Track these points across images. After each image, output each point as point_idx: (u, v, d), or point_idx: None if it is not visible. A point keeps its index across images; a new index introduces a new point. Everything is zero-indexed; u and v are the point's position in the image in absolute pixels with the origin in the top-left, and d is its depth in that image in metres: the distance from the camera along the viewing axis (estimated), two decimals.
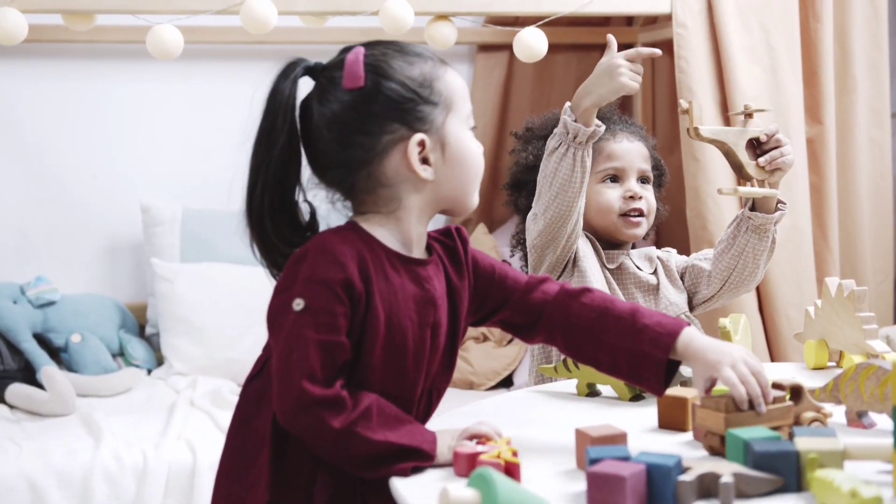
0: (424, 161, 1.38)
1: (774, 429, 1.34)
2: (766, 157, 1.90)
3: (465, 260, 1.48)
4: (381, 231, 1.40)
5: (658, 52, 1.93)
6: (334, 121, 1.38)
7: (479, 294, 1.50)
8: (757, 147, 1.92)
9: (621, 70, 1.87)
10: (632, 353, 1.43)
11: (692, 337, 1.42)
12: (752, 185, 1.92)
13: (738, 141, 1.89)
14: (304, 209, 1.43)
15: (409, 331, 1.37)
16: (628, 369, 1.45)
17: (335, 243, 1.35)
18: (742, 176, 1.92)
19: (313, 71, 1.43)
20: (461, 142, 1.40)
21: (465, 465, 1.28)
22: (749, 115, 1.91)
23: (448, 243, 1.48)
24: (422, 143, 1.38)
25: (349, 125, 1.37)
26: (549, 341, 1.52)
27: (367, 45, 1.41)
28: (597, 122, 1.92)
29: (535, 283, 1.51)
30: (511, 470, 1.27)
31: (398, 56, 1.39)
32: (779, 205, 2.00)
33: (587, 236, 2.08)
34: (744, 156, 1.90)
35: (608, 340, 1.45)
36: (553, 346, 1.54)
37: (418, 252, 1.43)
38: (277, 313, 1.36)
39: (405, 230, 1.41)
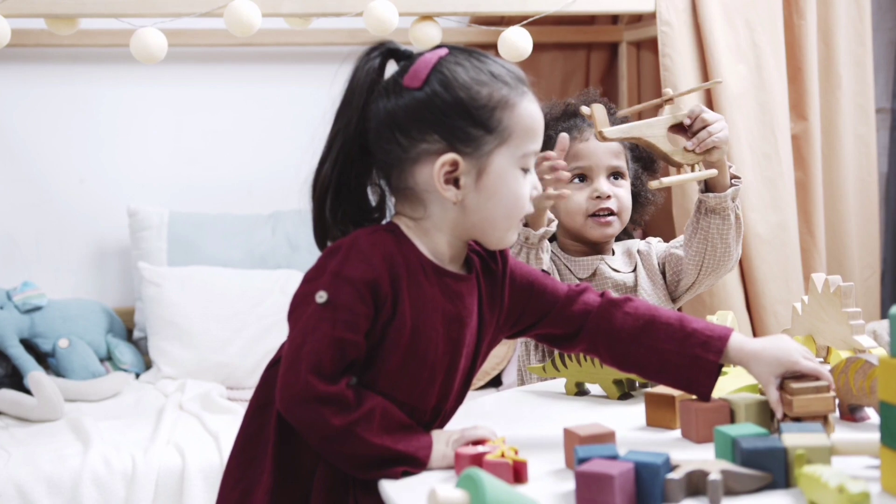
0: (455, 182, 1.35)
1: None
2: (694, 139, 1.86)
3: (502, 282, 1.46)
4: (417, 239, 1.38)
5: (565, 138, 1.83)
6: (385, 111, 1.36)
7: (515, 309, 1.48)
8: (688, 130, 1.87)
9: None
10: (682, 356, 1.43)
11: (743, 340, 1.43)
12: (684, 171, 1.87)
13: (654, 132, 1.83)
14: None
15: (432, 342, 1.36)
16: (677, 373, 1.44)
17: (368, 243, 1.34)
18: (672, 164, 1.88)
19: (398, 56, 1.40)
20: (502, 177, 1.36)
21: (469, 466, 1.27)
22: (669, 101, 1.87)
23: (489, 263, 1.45)
24: (454, 164, 1.34)
25: (394, 120, 1.35)
26: (591, 350, 1.50)
27: (455, 50, 1.38)
28: (549, 216, 1.91)
29: (575, 295, 1.49)
30: (519, 469, 1.27)
31: (473, 71, 1.35)
32: (733, 180, 1.96)
33: (552, 254, 2.06)
34: (665, 145, 1.84)
35: (657, 346, 1.45)
36: (595, 356, 1.52)
37: (454, 267, 1.41)
38: (299, 302, 1.34)
39: (435, 243, 1.38)
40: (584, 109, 1.83)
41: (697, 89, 2.05)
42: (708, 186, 1.97)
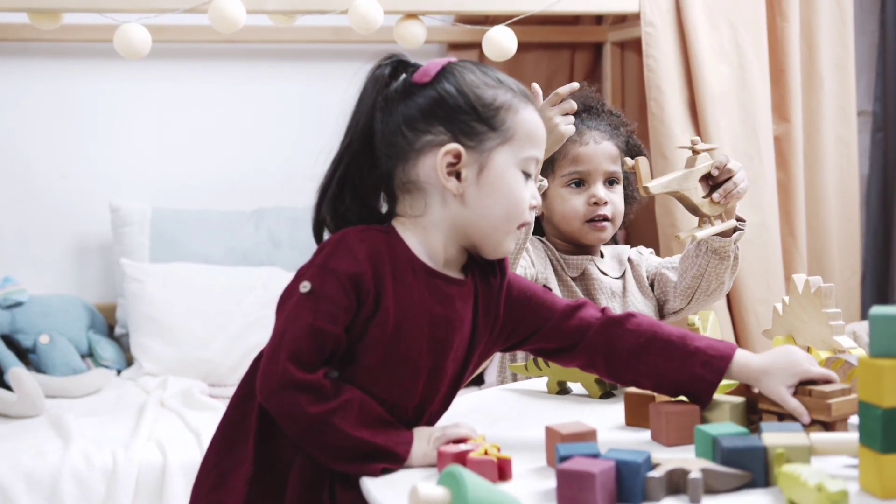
0: (457, 175, 1.37)
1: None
2: (720, 190, 1.86)
3: (498, 293, 1.46)
4: (413, 239, 1.39)
5: (576, 85, 1.87)
6: (394, 110, 1.39)
7: (510, 322, 1.48)
8: (709, 179, 1.87)
9: (555, 121, 1.83)
10: (682, 374, 1.43)
11: (748, 358, 1.43)
12: (710, 222, 1.88)
13: (689, 185, 1.84)
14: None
15: (416, 342, 1.36)
16: (675, 390, 1.45)
17: (356, 239, 1.36)
18: (699, 216, 1.88)
19: (408, 68, 1.43)
20: (502, 175, 1.38)
21: (453, 464, 1.27)
22: (696, 153, 1.86)
23: (488, 274, 1.46)
24: (457, 155, 1.36)
25: (403, 116, 1.38)
26: (589, 366, 1.50)
27: (468, 61, 1.43)
28: (539, 176, 1.89)
29: (571, 310, 1.49)
30: (503, 466, 1.27)
31: (480, 74, 1.40)
32: (738, 223, 1.96)
33: (545, 246, 2.06)
34: (697, 197, 1.85)
35: (657, 363, 1.44)
36: (593, 372, 1.52)
37: (449, 271, 1.41)
38: (288, 294, 1.37)
39: (432, 242, 1.39)
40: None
41: (712, 147, 2.05)
42: None
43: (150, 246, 3.37)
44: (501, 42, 2.75)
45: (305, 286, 1.33)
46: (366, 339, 1.34)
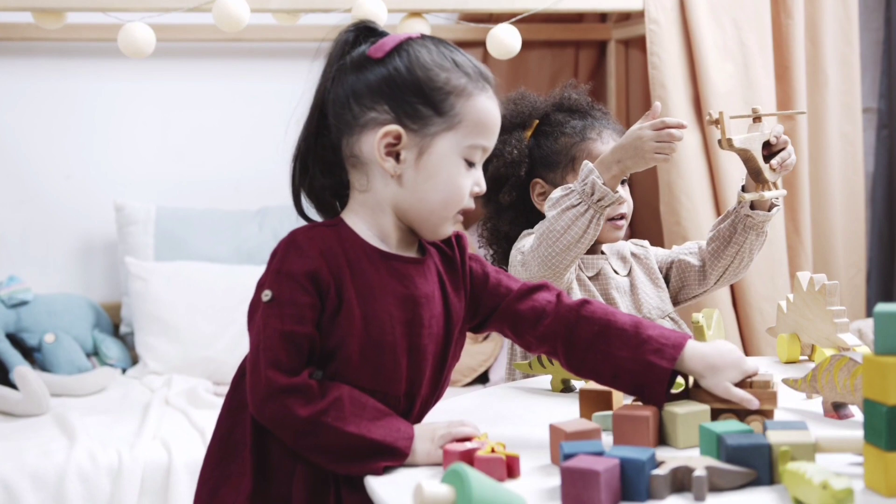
0: (396, 156, 1.37)
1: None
2: (778, 158, 1.87)
3: (462, 270, 1.47)
4: (362, 226, 1.40)
5: (684, 124, 1.86)
6: (347, 81, 1.39)
7: (473, 301, 1.49)
8: (764, 149, 1.88)
9: (648, 145, 1.83)
10: (636, 363, 1.40)
11: (700, 351, 1.40)
12: (766, 188, 1.89)
13: (756, 147, 1.86)
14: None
15: (387, 325, 1.37)
16: (630, 379, 1.42)
17: (305, 238, 1.37)
18: (759, 181, 1.89)
19: (374, 34, 1.43)
20: (442, 161, 1.38)
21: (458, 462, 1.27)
22: (758, 119, 1.88)
23: (446, 251, 1.47)
24: (397, 136, 1.37)
25: (352, 88, 1.39)
26: (552, 353, 1.49)
27: (428, 37, 1.41)
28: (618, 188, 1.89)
29: (525, 292, 1.49)
30: (511, 464, 1.28)
31: (437, 55, 1.39)
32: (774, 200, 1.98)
33: None
34: (761, 161, 1.87)
35: (611, 352, 1.42)
36: (556, 360, 1.50)
37: (405, 250, 1.42)
38: (254, 307, 1.38)
39: (381, 223, 1.40)
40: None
41: (783, 114, 2.05)
42: (753, 205, 1.96)
43: (154, 245, 3.37)
44: (505, 40, 2.75)
45: (267, 295, 1.34)
46: (338, 334, 1.35)
